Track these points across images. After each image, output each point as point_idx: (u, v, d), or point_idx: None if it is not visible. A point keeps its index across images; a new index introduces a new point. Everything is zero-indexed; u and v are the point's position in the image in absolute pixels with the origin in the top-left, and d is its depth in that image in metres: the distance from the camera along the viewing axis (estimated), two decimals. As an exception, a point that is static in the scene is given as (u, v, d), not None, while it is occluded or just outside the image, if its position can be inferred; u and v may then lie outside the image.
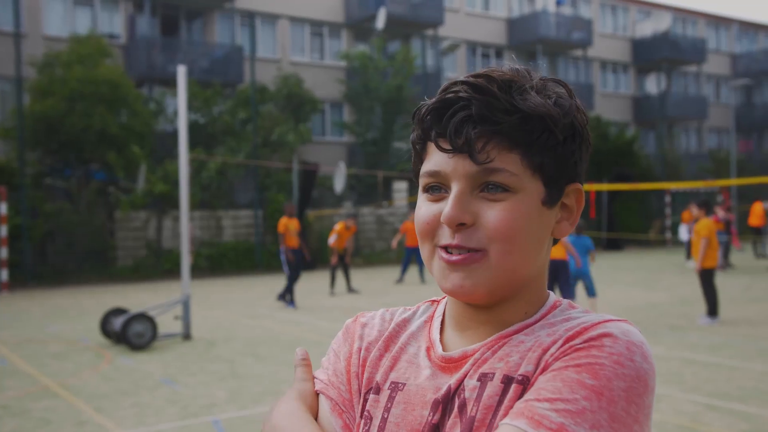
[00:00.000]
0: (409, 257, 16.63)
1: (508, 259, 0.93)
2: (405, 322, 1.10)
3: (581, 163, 0.99)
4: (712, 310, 10.26)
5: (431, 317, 1.09)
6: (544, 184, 0.95)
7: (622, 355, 0.86)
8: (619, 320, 0.92)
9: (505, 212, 0.92)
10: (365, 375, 1.06)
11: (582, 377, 0.84)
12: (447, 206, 0.93)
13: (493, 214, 0.92)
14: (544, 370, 0.89)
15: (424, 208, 0.97)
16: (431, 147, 0.97)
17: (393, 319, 1.11)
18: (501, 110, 0.92)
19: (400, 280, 16.83)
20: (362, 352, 1.08)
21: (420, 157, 1.00)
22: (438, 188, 0.96)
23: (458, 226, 0.93)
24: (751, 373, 7.19)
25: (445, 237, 0.94)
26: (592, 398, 0.83)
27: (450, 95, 0.94)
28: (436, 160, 0.96)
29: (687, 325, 10.19)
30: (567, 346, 0.89)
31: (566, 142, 0.95)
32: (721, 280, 13.69)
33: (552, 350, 0.90)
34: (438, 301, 1.11)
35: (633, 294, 14.02)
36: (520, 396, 0.89)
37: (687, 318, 10.73)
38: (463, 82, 0.95)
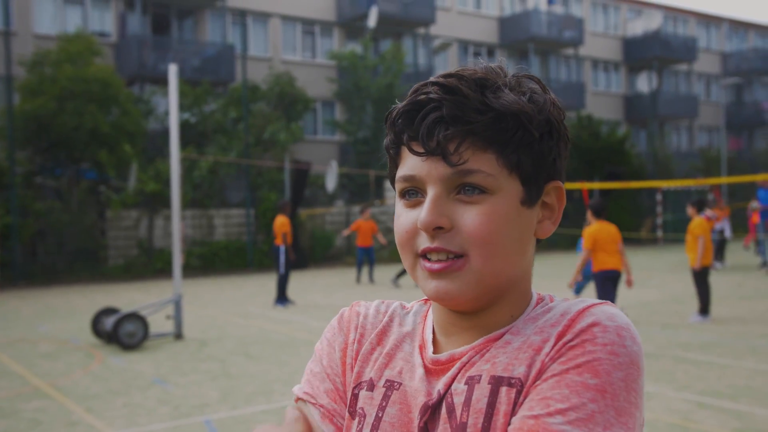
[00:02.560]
0: (362, 257, 16.41)
1: (489, 263, 0.91)
2: (400, 318, 1.08)
3: (560, 159, 0.97)
4: (704, 308, 10.30)
5: (425, 316, 1.07)
6: (522, 183, 0.93)
7: (615, 344, 0.86)
8: (600, 303, 0.91)
9: (482, 215, 0.90)
10: (356, 368, 1.04)
11: (584, 378, 0.84)
12: (423, 211, 0.91)
13: (470, 217, 0.90)
14: (541, 371, 0.87)
15: (403, 217, 0.95)
16: (405, 151, 0.95)
17: (387, 311, 1.09)
18: (473, 110, 0.89)
19: (358, 280, 16.66)
20: (355, 344, 1.06)
21: (395, 162, 0.98)
22: (414, 192, 0.94)
23: (435, 230, 0.91)
24: (742, 370, 7.22)
25: (425, 242, 0.92)
26: (598, 399, 0.83)
27: (421, 97, 0.92)
28: (410, 164, 0.93)
29: (679, 323, 10.22)
30: (560, 343, 0.87)
31: (543, 138, 0.93)
32: (712, 278, 13.74)
33: (546, 350, 0.88)
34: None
35: (624, 292, 14.05)
36: (515, 401, 0.87)
37: (679, 316, 10.76)
38: (433, 83, 0.92)
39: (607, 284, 8.52)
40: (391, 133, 0.96)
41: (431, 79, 0.94)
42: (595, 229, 8.51)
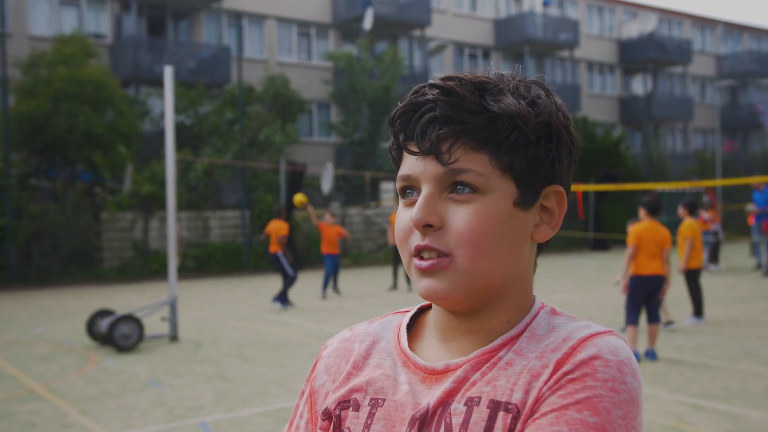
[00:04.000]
0: (330, 268, 14.28)
1: (476, 263, 0.91)
2: (372, 338, 1.07)
3: (560, 164, 0.96)
4: (698, 310, 10.33)
5: (398, 325, 1.07)
6: (517, 185, 0.93)
7: (615, 380, 0.85)
8: (604, 332, 0.90)
9: (471, 215, 0.91)
10: (338, 391, 1.04)
11: (584, 416, 0.83)
12: (414, 209, 0.92)
13: (459, 216, 0.91)
14: (537, 400, 0.87)
15: (401, 215, 0.97)
16: (405, 151, 0.97)
17: (355, 338, 1.09)
18: (467, 111, 0.90)
19: (324, 296, 14.19)
20: (326, 384, 1.06)
21: (398, 163, 0.99)
22: (411, 191, 0.96)
23: (426, 228, 0.92)
24: (736, 373, 7.24)
25: (417, 239, 0.93)
26: None
27: (419, 98, 0.94)
28: (407, 164, 0.95)
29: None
30: (560, 374, 0.87)
31: (540, 141, 0.93)
32: (707, 281, 13.77)
33: (544, 377, 0.88)
34: (407, 312, 1.09)
35: (620, 294, 14.06)
36: (510, 427, 0.87)
37: (673, 318, 10.78)
38: (432, 85, 0.94)
39: (641, 291, 7.88)
40: (391, 135, 0.98)
41: (431, 81, 0.95)
42: (642, 227, 7.99)
